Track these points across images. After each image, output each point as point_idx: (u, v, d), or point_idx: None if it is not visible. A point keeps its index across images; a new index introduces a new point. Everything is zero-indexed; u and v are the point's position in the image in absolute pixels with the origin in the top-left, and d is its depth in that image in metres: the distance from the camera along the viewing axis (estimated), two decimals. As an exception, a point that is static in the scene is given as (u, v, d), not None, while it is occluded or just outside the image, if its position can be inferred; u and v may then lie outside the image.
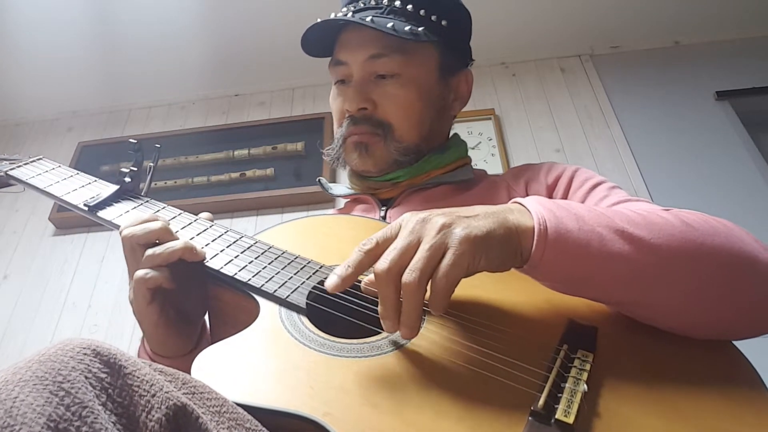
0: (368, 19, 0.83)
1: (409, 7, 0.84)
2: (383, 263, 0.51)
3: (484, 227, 0.52)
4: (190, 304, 0.72)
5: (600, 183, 0.81)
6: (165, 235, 0.66)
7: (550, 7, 2.11)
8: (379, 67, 0.85)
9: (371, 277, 0.54)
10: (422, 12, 0.85)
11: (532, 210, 0.55)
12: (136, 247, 0.66)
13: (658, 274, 0.54)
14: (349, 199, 0.97)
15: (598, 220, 0.55)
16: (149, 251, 0.64)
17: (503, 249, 0.53)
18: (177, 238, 0.66)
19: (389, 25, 0.81)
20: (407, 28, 0.82)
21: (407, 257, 0.51)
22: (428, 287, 0.51)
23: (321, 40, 0.89)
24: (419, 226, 0.52)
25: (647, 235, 0.54)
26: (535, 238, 0.53)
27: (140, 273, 0.63)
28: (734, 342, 0.57)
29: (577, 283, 0.56)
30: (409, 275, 0.49)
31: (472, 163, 0.97)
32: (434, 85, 0.89)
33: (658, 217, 0.57)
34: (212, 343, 0.67)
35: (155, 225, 0.66)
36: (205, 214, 0.77)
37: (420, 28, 0.84)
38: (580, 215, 0.55)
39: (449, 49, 0.90)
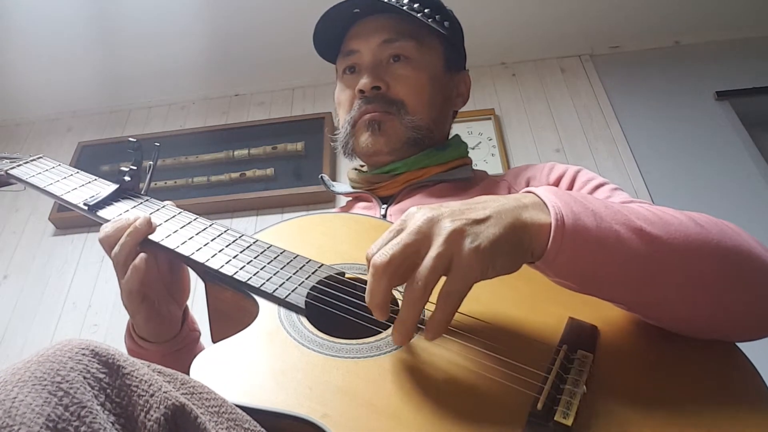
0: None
1: (416, 5, 0.89)
2: (383, 255, 0.49)
3: (494, 236, 0.49)
4: (175, 290, 0.76)
5: (603, 184, 0.81)
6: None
7: (550, 7, 2.11)
8: (393, 50, 0.88)
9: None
10: (427, 11, 0.90)
11: (549, 203, 0.53)
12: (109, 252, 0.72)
13: (673, 274, 0.53)
14: (350, 198, 0.98)
15: (615, 216, 0.53)
16: (112, 255, 0.69)
17: (514, 253, 0.51)
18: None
19: (404, 7, 0.86)
20: (418, 15, 0.87)
21: (407, 254, 0.49)
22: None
23: (329, 39, 0.93)
24: (426, 226, 0.50)
25: (663, 234, 0.53)
26: (552, 234, 0.51)
27: (122, 284, 0.69)
28: (737, 344, 0.57)
29: (591, 281, 0.55)
30: (415, 284, 0.48)
31: (473, 164, 0.98)
32: (441, 74, 0.93)
33: (671, 216, 0.56)
34: (213, 343, 0.68)
35: (109, 229, 0.71)
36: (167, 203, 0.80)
37: (428, 20, 0.89)
38: (597, 211, 0.53)
39: (452, 46, 0.95)
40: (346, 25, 0.92)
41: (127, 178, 0.79)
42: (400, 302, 0.51)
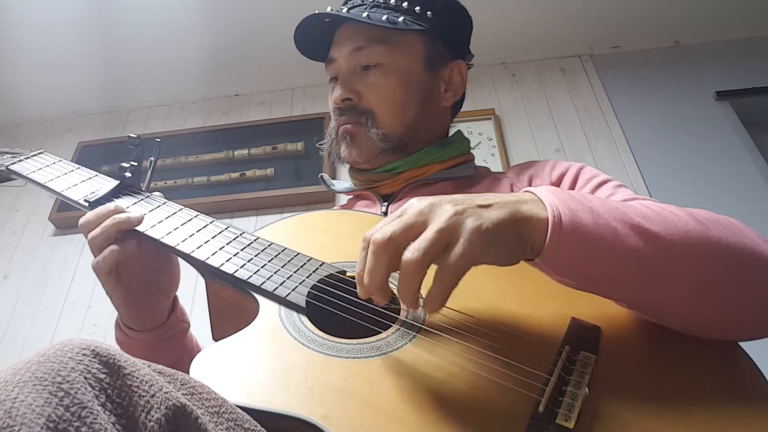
0: (344, 10, 0.86)
1: (392, 1, 0.87)
2: (384, 233, 0.49)
3: (495, 219, 0.49)
4: (162, 278, 0.76)
5: (606, 181, 0.81)
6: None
7: (550, 7, 2.11)
8: (362, 59, 0.87)
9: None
10: (405, 4, 0.87)
11: (546, 201, 0.53)
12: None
13: (673, 272, 0.52)
14: (351, 196, 0.98)
15: (613, 214, 0.53)
16: (89, 237, 0.69)
17: (514, 242, 0.51)
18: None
19: (364, 14, 0.84)
20: (384, 17, 0.84)
21: (410, 234, 0.49)
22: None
23: (318, 42, 0.92)
24: (428, 209, 0.50)
25: (662, 231, 0.53)
26: (549, 231, 0.50)
27: (93, 263, 0.69)
28: (740, 344, 0.57)
29: (590, 279, 0.54)
30: (411, 253, 0.47)
31: (475, 161, 0.97)
32: (419, 74, 0.89)
33: (671, 213, 0.56)
34: (214, 340, 0.68)
35: (107, 217, 0.71)
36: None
37: (400, 18, 0.85)
38: (595, 208, 0.53)
39: (437, 39, 0.90)
40: (332, 29, 0.91)
41: (128, 175, 0.79)
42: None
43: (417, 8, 0.87)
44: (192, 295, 1.75)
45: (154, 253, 0.74)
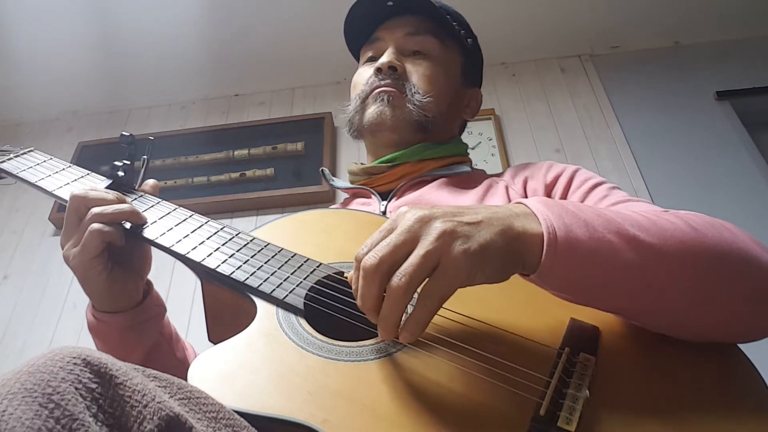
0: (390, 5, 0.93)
1: (447, 17, 0.94)
2: (372, 258, 0.48)
3: (484, 240, 0.48)
4: (134, 259, 0.74)
5: (600, 183, 0.81)
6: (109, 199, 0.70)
7: (550, 7, 2.10)
8: (414, 43, 0.93)
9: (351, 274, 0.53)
10: (455, 24, 0.94)
11: (540, 216, 0.52)
12: (81, 208, 0.68)
13: (669, 283, 0.52)
14: (348, 195, 0.98)
15: (608, 225, 0.52)
16: (97, 209, 0.67)
17: (503, 261, 0.50)
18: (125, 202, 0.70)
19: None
20: (447, 16, 0.93)
21: (398, 255, 0.48)
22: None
23: (358, 34, 0.99)
24: (417, 225, 0.49)
25: (658, 242, 0.52)
26: (545, 248, 0.49)
27: (97, 226, 0.65)
28: (740, 346, 0.56)
29: (587, 293, 0.54)
30: (398, 279, 0.47)
31: (473, 164, 0.98)
32: (457, 78, 0.97)
33: (666, 221, 0.55)
34: (210, 342, 0.68)
35: (109, 195, 0.69)
36: (151, 182, 0.80)
37: (455, 23, 0.94)
38: (589, 221, 0.52)
39: (470, 63, 0.99)
40: (375, 23, 0.96)
41: (120, 174, 0.77)
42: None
43: (463, 32, 0.96)
44: (192, 296, 1.75)
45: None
